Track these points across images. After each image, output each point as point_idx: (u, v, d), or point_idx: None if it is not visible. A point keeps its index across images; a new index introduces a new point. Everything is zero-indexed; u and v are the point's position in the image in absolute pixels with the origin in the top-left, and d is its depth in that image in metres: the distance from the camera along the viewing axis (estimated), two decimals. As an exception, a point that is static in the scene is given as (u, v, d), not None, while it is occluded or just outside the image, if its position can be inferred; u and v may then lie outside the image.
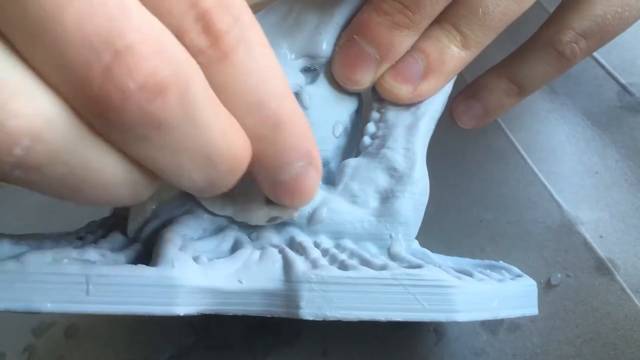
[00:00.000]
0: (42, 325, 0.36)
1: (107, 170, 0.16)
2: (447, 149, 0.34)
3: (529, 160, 0.34)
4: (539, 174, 0.33)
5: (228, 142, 0.17)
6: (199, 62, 0.17)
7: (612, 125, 0.34)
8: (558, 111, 0.36)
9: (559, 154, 0.34)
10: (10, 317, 0.31)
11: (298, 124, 0.19)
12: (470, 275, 0.22)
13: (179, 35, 0.16)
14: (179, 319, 0.23)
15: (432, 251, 0.25)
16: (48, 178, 0.16)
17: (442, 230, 0.33)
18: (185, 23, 0.16)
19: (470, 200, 0.34)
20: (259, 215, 0.23)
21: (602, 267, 0.29)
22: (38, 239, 0.22)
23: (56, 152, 0.15)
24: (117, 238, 0.23)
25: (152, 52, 0.15)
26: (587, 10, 0.26)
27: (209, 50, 0.17)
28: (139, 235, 0.23)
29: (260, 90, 0.18)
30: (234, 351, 0.31)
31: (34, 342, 0.36)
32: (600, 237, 0.30)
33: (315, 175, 0.21)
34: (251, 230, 0.24)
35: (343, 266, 0.21)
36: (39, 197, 0.47)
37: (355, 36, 0.25)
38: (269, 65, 0.18)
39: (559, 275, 0.30)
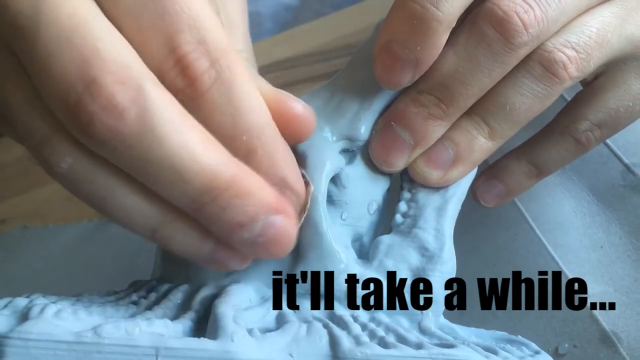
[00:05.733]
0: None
1: (117, 193, 0.21)
2: (461, 217, 0.36)
3: (537, 232, 0.36)
4: (547, 246, 0.36)
5: (196, 155, 0.20)
6: (179, 99, 0.20)
7: (616, 203, 0.36)
8: (565, 185, 0.38)
9: (566, 227, 0.36)
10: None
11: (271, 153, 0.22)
12: (494, 352, 0.24)
13: (160, 75, 0.20)
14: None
15: (446, 316, 0.27)
16: (83, 192, 0.21)
17: (456, 295, 0.35)
18: (165, 65, 0.21)
19: (483, 267, 0.36)
20: None
21: (606, 340, 0.31)
22: (100, 305, 0.23)
23: (82, 174, 0.21)
24: (169, 305, 0.25)
25: (113, 82, 0.19)
26: (602, 103, 0.29)
27: (186, 89, 0.21)
28: (190, 304, 0.24)
29: (234, 125, 0.21)
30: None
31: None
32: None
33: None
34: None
35: (383, 343, 0.23)
36: (61, 238, 0.48)
37: (392, 123, 0.27)
38: (244, 100, 0.21)
39: (566, 345, 0.32)
